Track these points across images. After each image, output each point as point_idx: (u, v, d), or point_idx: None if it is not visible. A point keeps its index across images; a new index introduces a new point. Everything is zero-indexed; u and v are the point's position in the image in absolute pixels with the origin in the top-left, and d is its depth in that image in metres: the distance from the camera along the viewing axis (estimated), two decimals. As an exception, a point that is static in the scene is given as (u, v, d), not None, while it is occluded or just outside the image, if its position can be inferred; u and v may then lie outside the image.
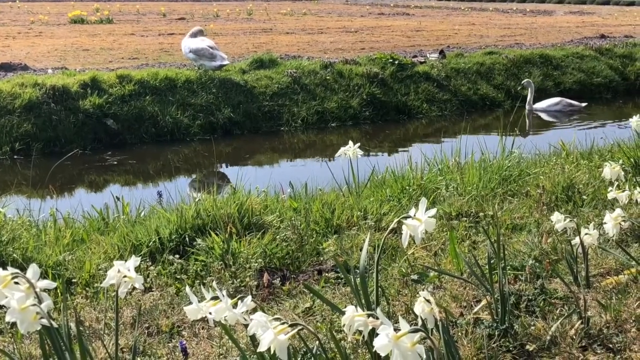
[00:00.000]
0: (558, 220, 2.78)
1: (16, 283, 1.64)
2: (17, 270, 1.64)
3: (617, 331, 2.45)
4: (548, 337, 2.38)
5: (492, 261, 2.53)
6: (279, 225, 3.50)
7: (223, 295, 1.75)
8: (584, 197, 4.02)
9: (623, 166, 3.58)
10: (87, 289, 2.95)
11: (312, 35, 16.52)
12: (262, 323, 1.65)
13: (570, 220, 2.78)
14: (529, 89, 9.75)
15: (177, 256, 3.15)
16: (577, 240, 2.78)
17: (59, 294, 2.75)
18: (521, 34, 17.03)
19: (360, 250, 3.11)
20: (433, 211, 1.92)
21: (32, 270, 1.66)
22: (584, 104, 9.87)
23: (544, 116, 9.81)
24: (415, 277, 2.95)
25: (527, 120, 9.49)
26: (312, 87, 9.28)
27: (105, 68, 9.94)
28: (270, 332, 1.60)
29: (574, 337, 2.39)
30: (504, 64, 11.06)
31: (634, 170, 4.40)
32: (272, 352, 1.60)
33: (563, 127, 9.27)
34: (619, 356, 2.33)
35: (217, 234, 3.26)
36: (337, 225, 3.63)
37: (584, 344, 2.38)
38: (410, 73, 10.03)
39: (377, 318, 1.62)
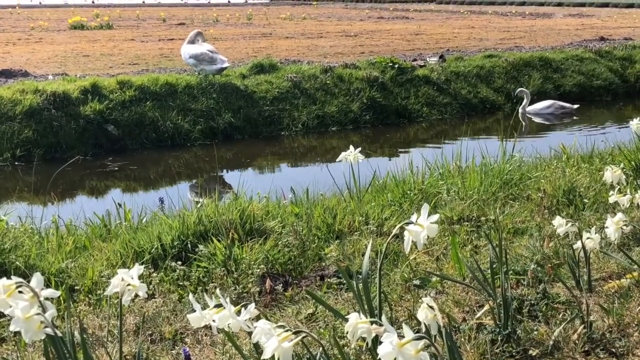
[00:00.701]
0: (560, 224, 2.78)
1: (20, 292, 1.64)
2: (21, 280, 1.65)
3: (619, 335, 2.45)
4: (551, 342, 2.38)
5: (494, 266, 2.53)
6: (280, 231, 3.51)
7: (227, 303, 1.75)
8: (585, 200, 4.02)
9: (624, 169, 3.58)
10: (90, 296, 2.95)
11: (312, 39, 16.54)
12: (265, 330, 1.65)
13: (572, 224, 2.78)
14: (525, 95, 9.84)
15: (179, 262, 3.15)
16: (579, 244, 2.78)
17: (62, 302, 2.75)
18: (520, 36, 17.05)
19: (362, 255, 3.11)
20: (435, 217, 1.93)
21: (36, 279, 1.66)
22: (575, 106, 9.90)
23: (536, 119, 9.85)
24: (417, 282, 2.95)
25: (523, 123, 9.56)
26: (312, 92, 9.29)
27: (105, 74, 9.95)
28: (274, 339, 1.60)
29: (577, 341, 2.39)
30: (503, 67, 11.08)
31: (635, 173, 4.40)
32: (276, 359, 1.61)
33: (563, 130, 9.28)
34: (621, 360, 2.33)
35: (219, 240, 3.26)
36: (338, 231, 3.64)
37: (586, 349, 2.38)
38: (410, 77, 10.05)
39: (381, 325, 1.62)
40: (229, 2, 46.45)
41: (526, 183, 4.47)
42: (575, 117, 9.93)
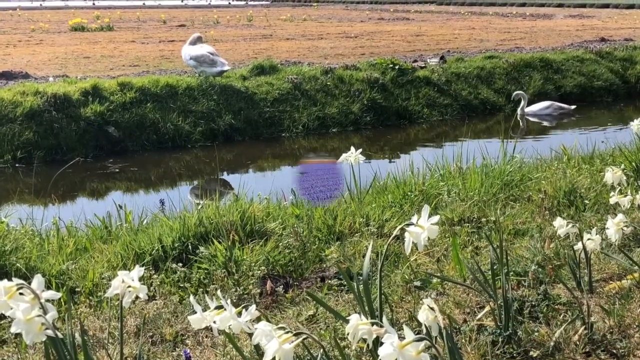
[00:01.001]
0: (560, 225, 2.78)
1: (21, 294, 1.64)
2: (22, 281, 1.65)
3: (620, 336, 2.45)
4: (552, 343, 2.38)
5: (494, 267, 2.53)
6: (281, 233, 3.51)
7: (227, 304, 1.75)
8: (586, 201, 4.02)
9: (625, 170, 3.58)
10: (90, 298, 2.95)
11: (312, 40, 16.55)
12: (266, 332, 1.65)
13: (573, 226, 2.78)
14: (522, 98, 9.89)
15: (180, 264, 3.15)
16: (579, 245, 2.78)
17: (63, 304, 2.75)
18: (521, 37, 17.05)
19: (363, 256, 3.12)
20: (436, 218, 1.93)
21: (37, 281, 1.66)
22: (573, 107, 9.92)
23: (535, 120, 9.87)
24: (418, 283, 2.95)
25: (520, 123, 9.59)
26: (313, 93, 9.29)
27: (106, 75, 9.96)
28: (275, 341, 1.60)
29: (578, 342, 2.39)
30: (504, 68, 11.08)
31: (635, 174, 4.40)
32: (276, 360, 1.61)
33: (564, 132, 9.29)
34: (622, 361, 2.32)
35: (219, 242, 3.26)
36: (339, 232, 3.64)
37: (587, 350, 2.38)
38: (410, 78, 10.05)
39: (382, 326, 1.62)
40: (229, 3, 46.52)
41: (527, 184, 4.47)
42: (573, 118, 9.94)
